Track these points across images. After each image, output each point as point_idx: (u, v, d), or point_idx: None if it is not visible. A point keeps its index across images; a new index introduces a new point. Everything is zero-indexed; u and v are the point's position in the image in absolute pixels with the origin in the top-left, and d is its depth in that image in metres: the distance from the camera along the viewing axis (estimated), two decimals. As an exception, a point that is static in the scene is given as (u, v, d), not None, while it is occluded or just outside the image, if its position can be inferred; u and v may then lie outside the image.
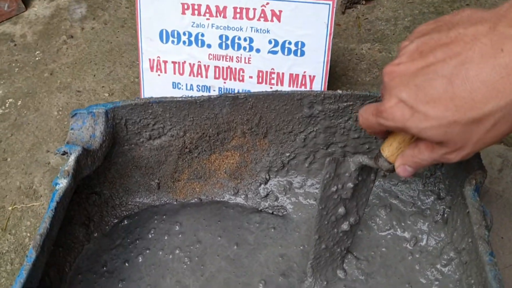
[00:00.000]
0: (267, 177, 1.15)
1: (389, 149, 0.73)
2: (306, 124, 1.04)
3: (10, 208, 1.25)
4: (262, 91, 1.01)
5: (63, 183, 0.91)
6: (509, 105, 0.52)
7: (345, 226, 0.92)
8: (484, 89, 0.53)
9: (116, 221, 1.14)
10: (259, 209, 1.14)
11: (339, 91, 0.98)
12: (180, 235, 1.10)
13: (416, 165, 0.68)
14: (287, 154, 1.11)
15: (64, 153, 0.95)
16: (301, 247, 1.06)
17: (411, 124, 0.58)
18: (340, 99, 0.99)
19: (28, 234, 1.21)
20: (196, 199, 1.18)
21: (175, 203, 1.18)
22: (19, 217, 1.24)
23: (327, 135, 1.05)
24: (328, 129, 1.04)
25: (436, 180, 1.04)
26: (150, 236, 1.10)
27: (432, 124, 0.56)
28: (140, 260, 1.06)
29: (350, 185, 0.85)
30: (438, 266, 0.98)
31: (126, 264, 1.05)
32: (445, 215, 1.00)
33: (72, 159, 0.93)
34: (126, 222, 1.14)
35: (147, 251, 1.07)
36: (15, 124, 1.48)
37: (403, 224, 1.05)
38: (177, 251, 1.07)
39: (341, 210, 0.89)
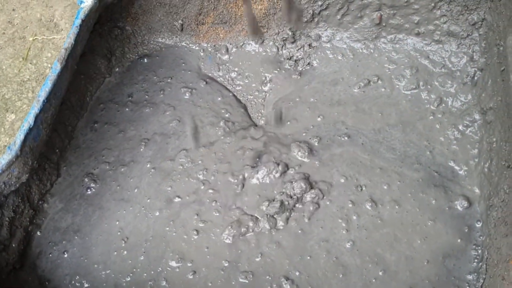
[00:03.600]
0: (295, 27, 1.10)
1: None
2: (344, -32, 0.98)
3: (31, 39, 1.24)
4: None
5: (88, 1, 0.88)
6: None
7: None
8: None
9: (137, 57, 1.13)
10: (282, 60, 1.12)
11: None
12: (187, 94, 1.08)
13: None
14: (320, 3, 1.05)
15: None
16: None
17: None
18: None
19: (49, 65, 1.20)
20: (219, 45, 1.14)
21: (197, 48, 1.15)
22: (40, 48, 1.23)
23: (365, -17, 0.99)
24: (366, -24, 0.98)
25: (472, 42, 0.99)
26: (170, 77, 1.09)
27: None
28: (161, 96, 1.06)
29: None
30: (460, 126, 0.97)
31: (147, 96, 1.06)
32: (475, 77, 0.97)
33: (97, -23, 0.89)
34: (146, 61, 1.13)
35: (169, 89, 1.07)
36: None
37: (429, 85, 1.02)
38: (195, 89, 1.07)
39: None
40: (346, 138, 0.99)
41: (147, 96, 1.07)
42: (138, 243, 0.89)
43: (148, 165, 0.97)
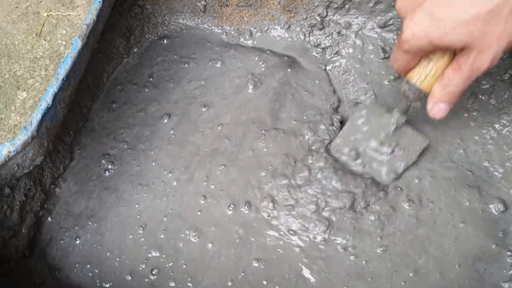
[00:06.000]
0: (325, 13, 1.05)
1: (418, 73, 0.70)
2: (382, -48, 0.92)
3: (45, 15, 1.18)
4: None
5: (111, -25, 0.83)
6: None
7: None
8: None
9: (156, 38, 1.07)
10: (309, 47, 1.06)
11: None
12: (221, 76, 1.02)
13: (450, 96, 0.68)
14: (352, -11, 1.00)
15: None
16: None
17: (433, 33, 0.58)
18: None
19: (64, 43, 1.15)
20: (245, 29, 1.09)
21: (219, 31, 1.10)
22: (55, 24, 1.17)
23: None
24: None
25: (513, 37, 0.94)
26: (194, 53, 1.04)
27: (453, 25, 0.56)
28: (186, 70, 1.02)
29: None
30: (496, 125, 0.92)
31: (169, 73, 1.01)
32: (515, 74, 0.92)
33: None
34: (166, 42, 1.07)
35: (194, 64, 1.03)
36: None
37: (464, 80, 0.97)
38: (220, 77, 1.01)
39: None
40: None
41: (169, 72, 1.02)
42: (157, 224, 0.85)
43: (171, 132, 0.93)
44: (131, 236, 0.83)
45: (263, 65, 1.01)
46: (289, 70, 1.00)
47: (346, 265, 0.82)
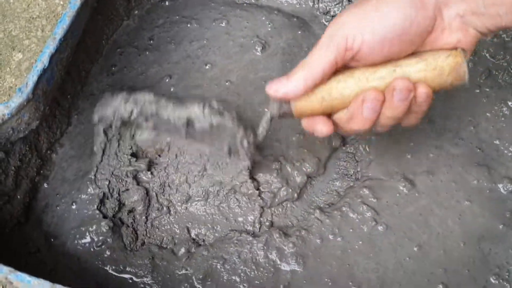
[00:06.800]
0: (334, -20, 1.00)
1: None
2: None
3: (41, -28, 1.12)
4: None
5: None
6: None
7: None
8: None
9: (158, 0, 1.03)
10: (318, 14, 1.02)
11: None
12: (226, 35, 0.98)
13: None
14: (366, -46, 0.95)
15: None
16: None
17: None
18: None
19: (61, 2, 1.10)
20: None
21: (225, -6, 1.05)
22: (51, -17, 1.12)
23: None
24: None
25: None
26: (197, 13, 1.01)
27: None
28: (188, 30, 0.98)
29: None
30: (510, 103, 0.89)
31: (170, 34, 0.98)
32: (532, 50, 0.88)
33: None
34: (168, 3, 1.03)
35: (196, 25, 0.99)
36: None
37: (477, 55, 0.94)
38: (224, 36, 0.98)
39: None
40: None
41: (170, 34, 0.98)
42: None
43: (172, 89, 0.91)
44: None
45: (269, 25, 0.97)
46: (299, 32, 0.97)
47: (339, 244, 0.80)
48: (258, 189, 0.80)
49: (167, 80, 0.92)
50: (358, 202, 0.82)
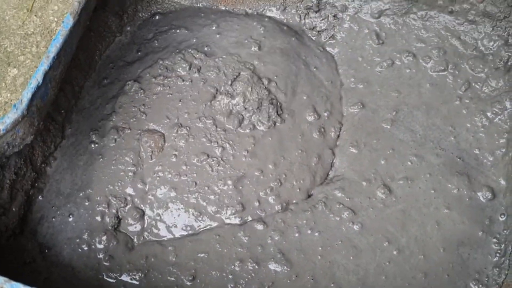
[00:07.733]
0: (321, -5, 1.04)
1: None
2: None
3: (36, -11, 1.16)
4: None
5: (104, -49, 0.81)
6: None
7: None
8: None
9: (149, 16, 1.06)
10: (303, 29, 1.05)
11: None
12: (218, 35, 1.01)
13: None
14: (349, -28, 0.99)
15: None
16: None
17: None
18: None
19: (55, 19, 1.13)
20: (240, 9, 1.07)
21: (215, 7, 1.08)
22: (46, 0, 1.15)
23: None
24: None
25: (508, 24, 0.94)
26: (183, 28, 1.03)
27: None
28: (173, 43, 1.01)
29: None
30: (488, 114, 0.93)
31: (156, 41, 1.00)
32: (509, 62, 0.92)
33: None
34: (158, 18, 1.06)
35: (185, 31, 1.02)
36: None
37: (458, 68, 0.97)
38: (216, 36, 1.02)
39: None
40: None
41: (158, 41, 1.02)
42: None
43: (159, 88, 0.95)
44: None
45: (261, 29, 1.01)
46: (293, 39, 1.01)
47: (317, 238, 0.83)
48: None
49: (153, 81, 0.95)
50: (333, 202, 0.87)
